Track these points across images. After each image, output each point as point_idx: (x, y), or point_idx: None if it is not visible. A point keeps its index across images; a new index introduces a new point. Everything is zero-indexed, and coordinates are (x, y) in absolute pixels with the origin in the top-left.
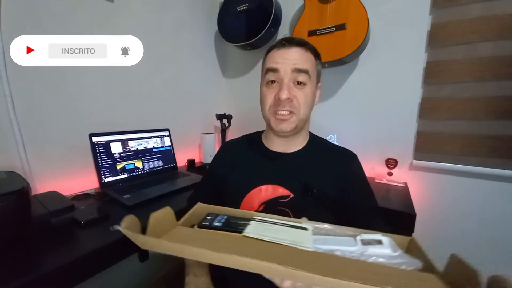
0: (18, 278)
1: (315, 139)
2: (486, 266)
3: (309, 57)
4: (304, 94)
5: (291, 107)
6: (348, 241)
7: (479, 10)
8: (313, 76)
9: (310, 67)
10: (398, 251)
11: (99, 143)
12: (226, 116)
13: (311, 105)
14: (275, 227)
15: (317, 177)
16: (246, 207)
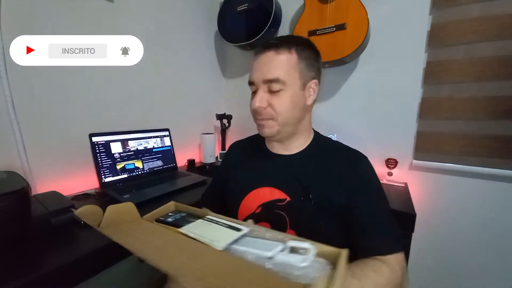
0: (18, 278)
1: (319, 140)
2: (487, 266)
3: (283, 60)
4: (281, 100)
5: (267, 114)
6: (273, 246)
7: (479, 10)
8: (291, 79)
9: (284, 72)
10: (308, 262)
11: (99, 143)
12: (226, 116)
13: (296, 107)
14: (214, 226)
15: (317, 180)
16: (245, 209)
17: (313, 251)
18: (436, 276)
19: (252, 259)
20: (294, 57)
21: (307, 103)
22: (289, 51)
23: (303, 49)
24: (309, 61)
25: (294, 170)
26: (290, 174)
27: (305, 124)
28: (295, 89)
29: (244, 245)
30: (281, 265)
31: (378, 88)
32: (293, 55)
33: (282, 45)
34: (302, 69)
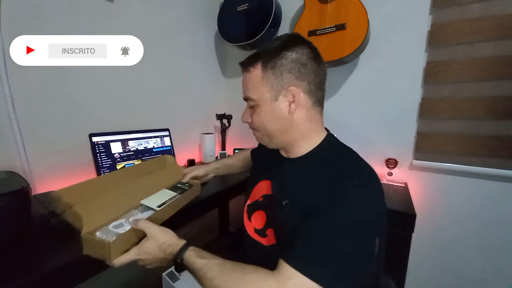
0: (18, 278)
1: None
2: (487, 265)
3: (252, 78)
4: (258, 115)
5: (252, 128)
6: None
7: (479, 10)
8: (260, 94)
9: (252, 89)
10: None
11: (99, 143)
12: (226, 116)
13: (276, 119)
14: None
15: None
16: (254, 194)
17: (127, 226)
18: (436, 276)
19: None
20: (258, 71)
21: (288, 113)
22: (254, 67)
23: (269, 59)
24: (278, 70)
25: (284, 173)
26: (282, 175)
27: (300, 131)
28: (266, 102)
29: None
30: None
31: (378, 88)
32: (257, 70)
33: (248, 64)
34: (269, 81)
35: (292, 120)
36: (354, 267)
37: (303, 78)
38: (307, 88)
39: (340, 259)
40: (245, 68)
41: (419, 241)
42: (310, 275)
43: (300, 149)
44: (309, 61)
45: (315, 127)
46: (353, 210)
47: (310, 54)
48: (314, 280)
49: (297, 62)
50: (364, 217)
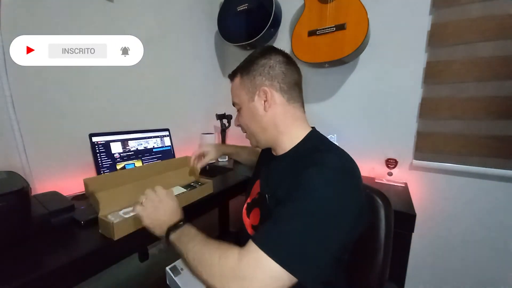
0: (18, 278)
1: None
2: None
3: (234, 86)
4: (242, 117)
5: (242, 130)
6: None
7: (479, 10)
8: (241, 98)
9: (235, 96)
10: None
11: (99, 143)
12: (226, 116)
13: (254, 118)
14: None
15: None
16: (252, 192)
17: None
18: (436, 276)
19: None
20: (238, 79)
21: (264, 111)
22: (236, 76)
23: (245, 66)
24: (250, 74)
25: (269, 170)
26: (268, 173)
27: (279, 127)
28: (246, 104)
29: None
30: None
31: (378, 88)
32: (237, 78)
33: (232, 75)
34: (245, 85)
35: (269, 117)
36: (309, 251)
37: (272, 79)
38: (278, 87)
39: (295, 241)
40: (231, 79)
41: (419, 241)
42: (267, 251)
43: (284, 145)
44: (277, 64)
45: (294, 123)
46: (307, 198)
47: (280, 59)
48: (270, 256)
49: (265, 65)
50: (317, 206)
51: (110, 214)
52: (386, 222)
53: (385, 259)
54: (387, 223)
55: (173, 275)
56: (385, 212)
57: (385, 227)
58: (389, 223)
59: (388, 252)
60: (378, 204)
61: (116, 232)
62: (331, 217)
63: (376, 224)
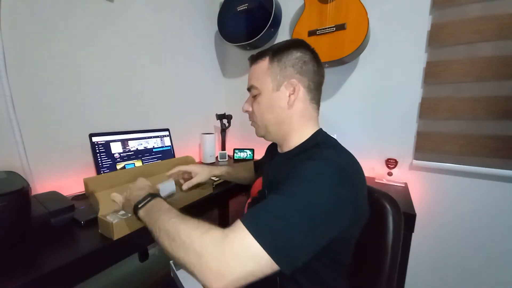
0: (18, 278)
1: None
2: (487, 265)
3: (258, 68)
4: (258, 104)
5: (251, 118)
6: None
7: (479, 10)
8: (264, 84)
9: (257, 79)
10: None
11: (99, 143)
12: (226, 116)
13: (274, 109)
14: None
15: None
16: (253, 190)
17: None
18: (436, 276)
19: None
20: (265, 62)
21: (288, 103)
22: (262, 60)
23: (277, 53)
24: (282, 63)
25: (272, 167)
26: (270, 170)
27: (293, 124)
28: (268, 92)
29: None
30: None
31: (378, 88)
32: (264, 61)
33: (257, 57)
34: (273, 72)
35: (288, 112)
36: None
37: (304, 74)
38: (307, 84)
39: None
40: (254, 60)
41: (419, 241)
42: (251, 230)
43: (291, 142)
44: (310, 61)
45: (309, 123)
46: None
47: (312, 56)
48: (254, 236)
49: (300, 59)
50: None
51: (110, 214)
52: (394, 228)
53: (392, 268)
54: (395, 230)
55: (176, 268)
56: (393, 218)
57: (393, 234)
58: (397, 229)
59: (396, 260)
60: (386, 210)
61: (115, 232)
62: (319, 208)
63: (383, 230)
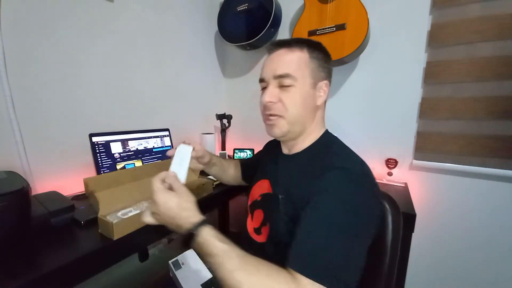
0: (18, 278)
1: (322, 142)
2: (486, 265)
3: (294, 57)
4: (291, 96)
5: (276, 110)
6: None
7: (479, 10)
8: (302, 76)
9: (295, 68)
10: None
11: (99, 143)
12: (226, 116)
13: (306, 105)
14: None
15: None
16: (253, 193)
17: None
18: (436, 276)
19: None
20: (306, 55)
21: (317, 103)
22: (300, 50)
23: (314, 49)
24: (320, 62)
25: (282, 170)
26: (279, 172)
27: (314, 125)
28: (305, 86)
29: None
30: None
31: (378, 88)
32: (304, 53)
33: (294, 44)
34: (313, 68)
35: (314, 113)
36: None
37: (329, 76)
38: (329, 87)
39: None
40: (288, 45)
41: (419, 241)
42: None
43: (302, 143)
44: (331, 67)
45: (321, 124)
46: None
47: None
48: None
49: (328, 62)
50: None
51: (110, 214)
52: (393, 228)
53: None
54: (394, 230)
55: (175, 269)
56: (392, 218)
57: (392, 234)
58: (396, 230)
59: (395, 260)
60: (385, 210)
61: (115, 232)
62: (361, 227)
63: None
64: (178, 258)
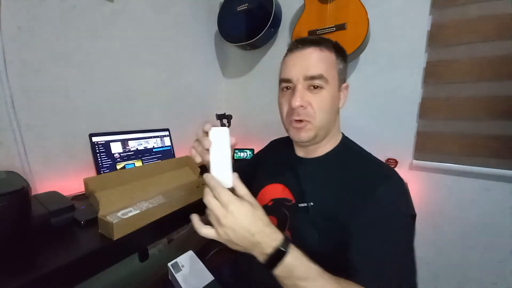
0: (18, 278)
1: (345, 145)
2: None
3: (325, 57)
4: (321, 99)
5: (305, 115)
6: None
7: (479, 10)
8: (332, 78)
9: (326, 69)
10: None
11: (99, 143)
12: (226, 116)
13: (333, 109)
14: None
15: (324, 189)
16: (261, 198)
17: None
18: (436, 276)
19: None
20: (333, 56)
21: (339, 106)
22: (329, 50)
23: (339, 50)
24: (344, 64)
25: (305, 175)
26: (301, 178)
27: (333, 129)
28: (334, 89)
29: None
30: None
31: (378, 88)
32: (332, 54)
33: (323, 43)
34: (339, 69)
35: (336, 116)
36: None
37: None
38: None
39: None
40: (318, 44)
41: (419, 241)
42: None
43: (323, 147)
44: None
45: (338, 127)
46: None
47: None
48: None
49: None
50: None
51: (110, 214)
52: None
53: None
54: None
55: (174, 271)
56: None
57: None
58: None
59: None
60: None
61: (115, 232)
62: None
63: None
64: (177, 260)
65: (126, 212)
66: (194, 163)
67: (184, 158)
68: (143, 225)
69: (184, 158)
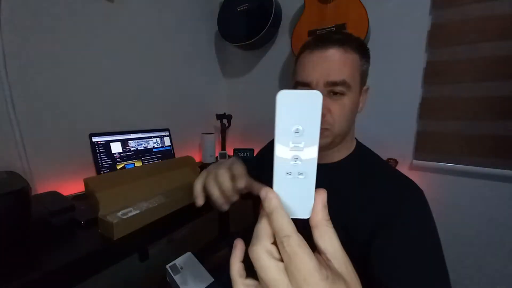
0: (18, 278)
1: (361, 153)
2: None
3: (350, 60)
4: (341, 106)
5: (325, 123)
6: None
7: (479, 10)
8: (354, 83)
9: (350, 73)
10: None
11: (99, 143)
12: (226, 116)
13: (352, 115)
14: None
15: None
16: None
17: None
18: None
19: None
20: (357, 58)
21: (358, 110)
22: (354, 51)
23: (363, 51)
24: (367, 65)
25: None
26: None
27: (350, 133)
28: (355, 94)
29: None
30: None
31: (378, 88)
32: (356, 56)
33: (348, 42)
34: (362, 72)
35: (354, 120)
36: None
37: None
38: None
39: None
40: (341, 44)
41: None
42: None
43: (340, 153)
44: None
45: (353, 133)
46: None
47: None
48: None
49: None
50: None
51: (110, 214)
52: None
53: None
54: None
55: (173, 273)
56: None
57: None
58: None
59: None
60: None
61: (115, 232)
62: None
63: None
64: (176, 262)
65: (126, 212)
66: (194, 163)
67: (184, 158)
68: (143, 225)
69: (184, 158)
